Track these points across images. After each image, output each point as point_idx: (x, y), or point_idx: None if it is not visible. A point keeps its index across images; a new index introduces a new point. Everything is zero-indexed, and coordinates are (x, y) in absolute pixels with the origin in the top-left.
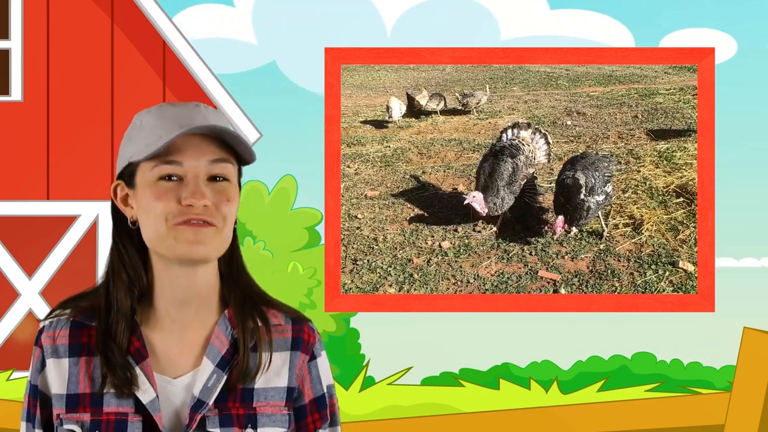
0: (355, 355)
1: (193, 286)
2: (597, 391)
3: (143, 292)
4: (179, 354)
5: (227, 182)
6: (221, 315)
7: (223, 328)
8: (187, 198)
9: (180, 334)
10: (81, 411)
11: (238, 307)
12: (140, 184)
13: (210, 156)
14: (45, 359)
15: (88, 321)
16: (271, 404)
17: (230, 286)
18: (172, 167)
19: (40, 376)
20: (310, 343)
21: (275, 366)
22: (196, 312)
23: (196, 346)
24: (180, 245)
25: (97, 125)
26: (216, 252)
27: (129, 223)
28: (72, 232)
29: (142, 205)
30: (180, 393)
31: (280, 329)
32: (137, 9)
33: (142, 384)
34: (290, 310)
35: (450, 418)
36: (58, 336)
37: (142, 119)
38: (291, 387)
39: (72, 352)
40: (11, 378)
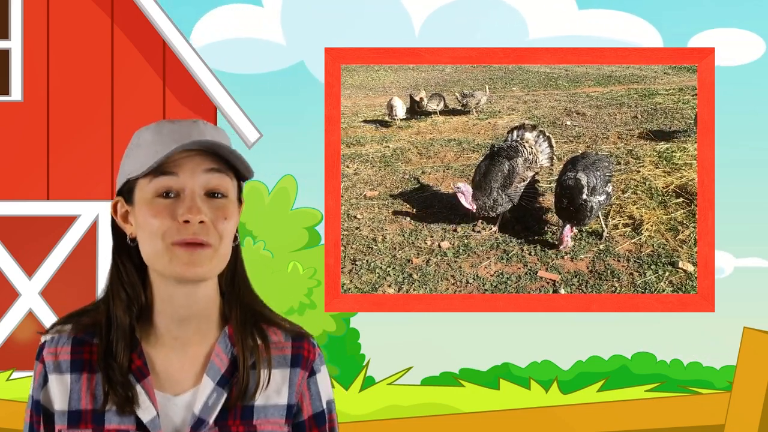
0: (355, 355)
1: (193, 303)
2: (597, 391)
3: (143, 310)
4: (180, 371)
5: (225, 199)
6: (222, 332)
7: (223, 345)
8: (183, 214)
9: (181, 351)
10: (83, 427)
11: (238, 325)
12: (138, 201)
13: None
14: (47, 375)
15: (89, 338)
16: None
17: (231, 304)
18: (168, 179)
19: (43, 391)
20: (309, 360)
21: (275, 383)
22: (196, 329)
23: (196, 363)
24: (175, 266)
25: (97, 125)
26: (212, 272)
27: (128, 240)
28: (72, 232)
29: (139, 222)
30: (180, 411)
31: (279, 346)
32: (137, 9)
33: (142, 402)
34: (290, 328)
35: (450, 418)
36: (60, 352)
37: (140, 136)
38: (290, 404)
39: (74, 368)
40: (11, 378)
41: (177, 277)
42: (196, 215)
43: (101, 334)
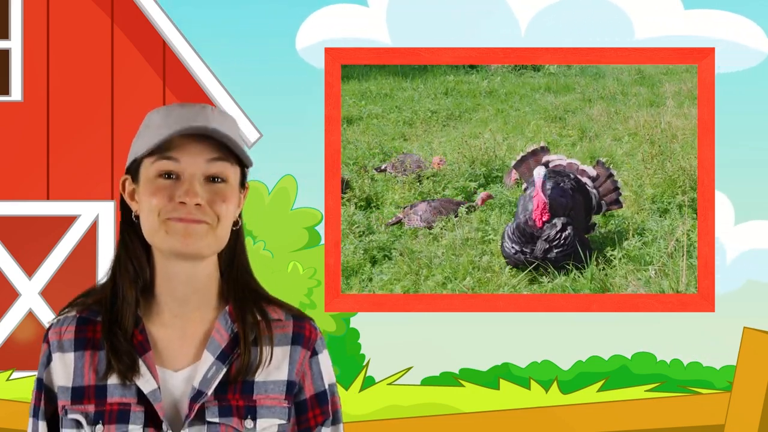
0: (355, 355)
1: (193, 281)
2: (597, 391)
3: (146, 288)
4: (180, 348)
5: (224, 183)
6: (222, 311)
7: (223, 322)
8: (180, 196)
9: (181, 328)
10: (86, 402)
11: (238, 302)
12: (142, 180)
13: (207, 155)
14: (51, 354)
15: (93, 317)
16: (271, 397)
17: (230, 284)
18: (169, 163)
19: (46, 370)
20: (311, 339)
21: (275, 360)
22: (196, 307)
23: (196, 340)
24: (171, 238)
25: (97, 125)
26: (209, 249)
27: (133, 217)
28: (72, 232)
29: (141, 200)
30: (180, 385)
31: (280, 324)
32: (137, 9)
33: (144, 374)
34: (292, 308)
35: (450, 418)
36: (65, 332)
37: (151, 118)
38: (291, 381)
39: (77, 346)
40: (11, 378)
41: (174, 251)
42: (192, 198)
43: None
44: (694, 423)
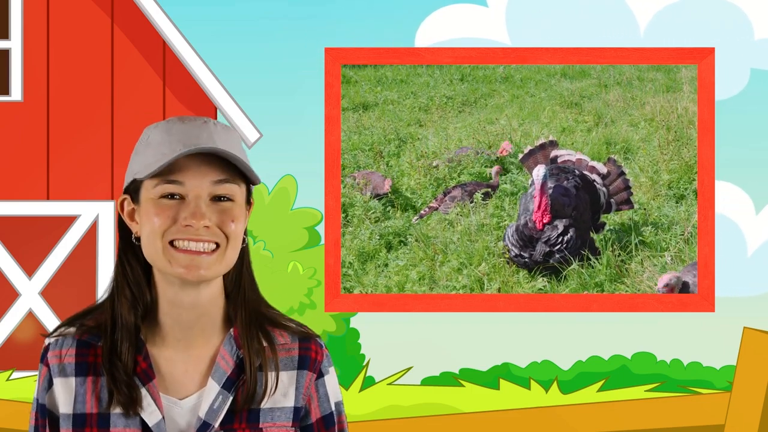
0: (355, 355)
1: (197, 304)
2: (597, 391)
3: (149, 310)
4: (185, 373)
5: (231, 202)
6: (226, 334)
7: (228, 348)
8: (186, 218)
9: (185, 352)
10: (88, 430)
11: (244, 327)
12: (143, 200)
13: (213, 177)
14: (52, 378)
15: (94, 340)
16: (278, 425)
17: (235, 305)
18: (173, 186)
19: (48, 394)
20: (317, 361)
21: (282, 386)
22: (200, 331)
23: (201, 365)
24: (175, 268)
25: (97, 125)
26: (215, 274)
27: (133, 239)
28: (72, 232)
29: (143, 221)
30: (186, 414)
31: (286, 348)
32: (137, 9)
33: (148, 406)
34: (297, 329)
35: (450, 418)
36: (65, 355)
37: (150, 134)
38: (297, 407)
39: (79, 371)
40: (11, 378)
41: (178, 277)
42: (200, 220)
43: (106, 333)
44: (694, 423)
